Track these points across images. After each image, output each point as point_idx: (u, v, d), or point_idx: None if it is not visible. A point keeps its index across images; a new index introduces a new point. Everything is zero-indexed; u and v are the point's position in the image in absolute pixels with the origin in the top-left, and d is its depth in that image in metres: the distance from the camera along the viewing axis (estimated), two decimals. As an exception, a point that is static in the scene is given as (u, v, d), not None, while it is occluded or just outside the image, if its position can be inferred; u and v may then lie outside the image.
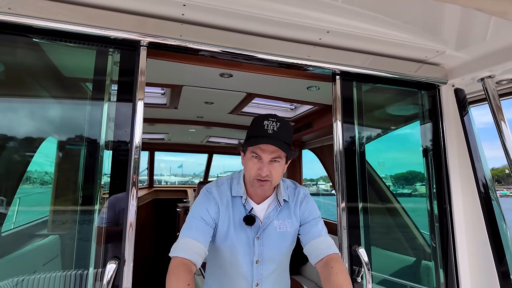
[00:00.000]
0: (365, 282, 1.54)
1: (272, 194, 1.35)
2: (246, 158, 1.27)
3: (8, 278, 1.97)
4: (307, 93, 2.68)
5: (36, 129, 2.01)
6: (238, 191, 1.31)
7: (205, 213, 1.26)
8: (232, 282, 1.31)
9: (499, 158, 1.67)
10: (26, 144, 2.07)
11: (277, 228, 1.31)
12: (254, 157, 1.23)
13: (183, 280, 1.08)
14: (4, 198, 2.18)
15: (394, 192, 2.16)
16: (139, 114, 1.46)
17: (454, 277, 1.82)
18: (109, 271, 1.26)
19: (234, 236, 1.27)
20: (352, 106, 1.81)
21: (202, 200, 1.31)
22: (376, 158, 1.98)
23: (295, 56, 1.65)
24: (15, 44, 1.47)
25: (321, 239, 1.30)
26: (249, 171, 1.25)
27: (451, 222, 1.87)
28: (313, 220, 1.35)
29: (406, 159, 2.17)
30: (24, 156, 2.12)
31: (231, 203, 1.30)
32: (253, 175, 1.23)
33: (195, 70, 2.24)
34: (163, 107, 3.33)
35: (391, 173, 2.21)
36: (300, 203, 1.37)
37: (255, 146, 1.22)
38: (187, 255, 1.16)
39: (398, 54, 1.83)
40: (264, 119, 1.24)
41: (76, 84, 1.88)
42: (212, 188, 1.33)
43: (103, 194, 1.45)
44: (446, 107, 1.98)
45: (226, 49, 1.55)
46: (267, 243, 1.30)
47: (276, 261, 1.32)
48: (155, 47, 1.50)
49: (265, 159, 1.21)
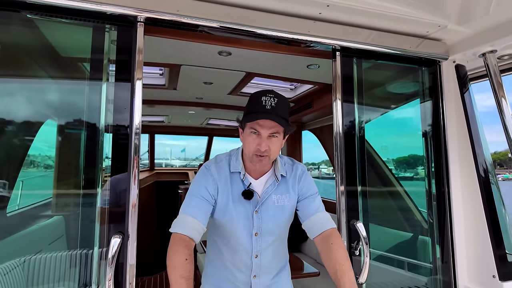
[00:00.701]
0: (363, 256, 1.58)
1: (270, 170, 1.38)
2: (245, 134, 1.29)
3: (15, 257, 2.02)
4: (307, 72, 2.65)
5: (35, 111, 2.00)
6: (237, 167, 1.34)
7: (204, 190, 1.30)
8: (232, 255, 1.36)
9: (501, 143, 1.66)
10: (25, 127, 2.07)
11: (275, 202, 1.35)
12: (253, 133, 1.25)
13: (181, 255, 1.15)
14: (6, 181, 2.21)
15: (393, 171, 2.18)
16: (138, 94, 1.45)
17: (450, 253, 1.86)
18: (113, 245, 1.29)
19: (233, 210, 1.31)
20: (352, 84, 1.80)
21: (201, 177, 1.34)
22: (376, 138, 1.98)
23: (295, 31, 1.62)
24: (10, 22, 1.45)
25: (319, 214, 1.35)
26: (248, 146, 1.27)
27: (449, 201, 1.89)
28: (311, 196, 1.39)
29: (405, 139, 2.18)
30: (24, 139, 2.13)
31: (230, 178, 1.34)
32: (252, 151, 1.26)
33: (193, 48, 2.21)
34: (162, 88, 3.31)
35: (390, 152, 2.22)
36: (298, 179, 1.40)
37: (254, 122, 1.23)
38: (185, 232, 1.21)
39: (399, 29, 1.79)
40: (262, 95, 1.25)
41: (73, 64, 1.86)
42: (211, 165, 1.36)
43: (105, 176, 1.46)
44: (446, 83, 1.97)
45: (225, 24, 1.52)
46: (266, 216, 1.34)
47: (274, 234, 1.36)
48: (152, 23, 1.48)
49: (263, 134, 1.24)
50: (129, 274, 1.37)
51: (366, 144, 1.85)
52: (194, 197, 1.29)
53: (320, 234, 1.30)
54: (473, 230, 1.85)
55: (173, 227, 1.24)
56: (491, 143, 2.01)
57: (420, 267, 1.96)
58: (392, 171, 2.20)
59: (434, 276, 1.91)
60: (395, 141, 2.17)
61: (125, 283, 1.38)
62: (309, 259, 3.62)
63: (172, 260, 1.14)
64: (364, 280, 1.57)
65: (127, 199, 1.41)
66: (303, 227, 1.37)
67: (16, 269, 2.03)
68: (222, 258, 1.38)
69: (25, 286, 2.07)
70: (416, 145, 2.07)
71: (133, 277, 1.38)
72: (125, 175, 1.43)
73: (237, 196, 1.32)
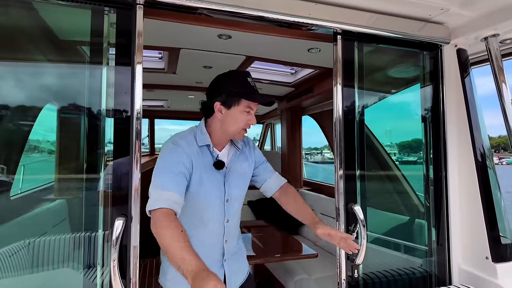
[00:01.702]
0: (360, 238, 1.62)
1: (228, 142, 1.51)
2: (235, 111, 1.38)
3: (19, 240, 2.07)
4: (308, 56, 2.63)
5: (35, 96, 2.00)
6: (204, 140, 1.42)
7: (179, 166, 1.31)
8: (205, 224, 1.42)
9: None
10: (26, 111, 2.07)
11: (239, 169, 1.50)
12: (246, 111, 1.38)
13: (172, 228, 1.11)
14: (8, 166, 2.23)
15: (392, 156, 2.20)
16: (138, 78, 1.45)
17: (445, 235, 1.91)
18: (117, 227, 1.31)
19: (207, 181, 1.39)
20: (353, 68, 1.79)
21: (172, 153, 1.34)
22: (376, 123, 1.99)
23: (296, 14, 1.60)
24: (7, 3, 1.43)
25: (274, 175, 1.63)
26: (239, 123, 1.39)
27: (446, 184, 1.92)
28: (265, 162, 1.63)
29: (405, 123, 2.19)
30: (24, 124, 2.13)
31: (200, 152, 1.41)
32: (242, 126, 1.40)
33: (193, 31, 2.18)
34: (162, 72, 3.28)
35: (390, 137, 2.24)
36: (253, 148, 1.60)
37: (251, 102, 1.37)
38: (168, 205, 1.19)
39: (401, 12, 1.77)
40: (246, 76, 1.41)
41: (73, 47, 1.84)
42: (179, 140, 1.38)
43: (107, 160, 1.48)
44: (447, 68, 1.96)
45: (225, 7, 1.50)
46: (233, 183, 1.47)
47: (240, 199, 1.51)
48: (151, 5, 1.46)
49: (253, 111, 1.41)
50: (133, 255, 1.41)
51: (365, 129, 1.86)
52: (169, 173, 1.28)
53: (278, 190, 1.60)
54: (468, 213, 1.89)
55: (153, 204, 1.19)
56: (495, 126, 2.03)
57: (416, 249, 2.01)
58: (390, 156, 2.22)
59: (430, 258, 1.96)
60: (394, 125, 2.18)
61: (129, 264, 1.41)
62: (307, 241, 3.70)
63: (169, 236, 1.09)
64: (361, 262, 1.62)
65: (129, 183, 1.43)
66: (262, 189, 1.61)
67: (22, 251, 2.08)
68: (197, 230, 1.41)
69: (30, 267, 2.13)
70: (415, 130, 2.09)
71: (137, 258, 1.42)
72: (127, 159, 1.44)
73: (209, 167, 1.41)
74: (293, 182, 4.35)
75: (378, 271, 1.86)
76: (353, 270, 1.69)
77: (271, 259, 2.47)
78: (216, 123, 1.44)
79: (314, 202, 3.82)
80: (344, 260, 1.67)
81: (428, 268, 1.95)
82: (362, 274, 1.75)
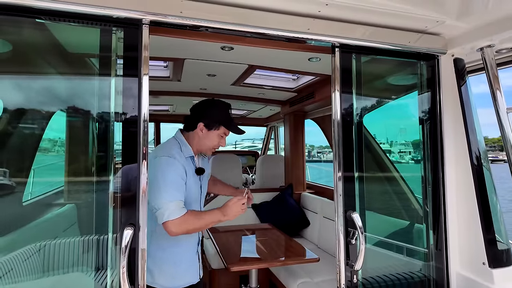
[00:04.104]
0: (359, 244, 1.68)
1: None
2: (213, 133, 1.80)
3: (31, 243, 2.16)
4: (308, 64, 2.69)
5: (47, 105, 2.09)
6: (189, 152, 1.80)
7: (181, 178, 1.69)
8: None
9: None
10: (37, 119, 2.17)
11: (206, 174, 1.94)
12: (221, 135, 1.82)
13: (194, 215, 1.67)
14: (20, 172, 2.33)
15: (391, 160, 2.26)
16: (145, 89, 1.52)
17: (443, 240, 1.95)
18: (125, 237, 1.39)
19: (193, 186, 1.80)
20: (350, 78, 1.85)
21: (173, 166, 1.67)
22: (374, 128, 2.05)
23: (295, 30, 1.67)
24: (22, 25, 1.51)
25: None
26: (213, 143, 1.82)
27: (443, 189, 1.97)
28: None
29: (403, 129, 2.24)
30: (36, 131, 2.23)
31: (186, 161, 1.77)
32: (215, 146, 1.83)
33: (197, 45, 2.26)
34: (167, 80, 3.37)
35: (388, 142, 2.29)
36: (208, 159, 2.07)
37: (227, 130, 1.83)
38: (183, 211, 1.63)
39: (398, 25, 1.83)
40: (228, 108, 1.87)
41: (83, 61, 1.94)
42: (175, 154, 1.71)
43: (116, 167, 1.55)
44: (444, 77, 2.00)
45: (226, 25, 1.58)
46: (203, 184, 1.93)
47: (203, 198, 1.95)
48: (156, 24, 1.54)
49: (226, 136, 1.85)
50: (141, 261, 1.49)
51: (365, 133, 1.91)
52: (178, 185, 1.66)
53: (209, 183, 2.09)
54: (465, 217, 1.94)
55: (175, 214, 1.59)
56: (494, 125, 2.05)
57: (414, 253, 2.06)
58: (390, 160, 2.27)
59: (428, 262, 2.01)
60: (392, 131, 2.24)
61: (137, 269, 1.49)
62: (310, 244, 3.75)
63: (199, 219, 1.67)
64: (359, 267, 1.67)
65: (137, 189, 1.48)
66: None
67: (34, 256, 2.17)
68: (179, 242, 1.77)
69: (41, 271, 2.22)
70: (413, 136, 2.14)
71: (145, 262, 1.49)
72: (135, 165, 1.50)
73: (193, 174, 1.80)
74: (296, 185, 4.40)
75: (378, 275, 1.91)
76: (352, 275, 1.74)
77: (275, 263, 2.53)
78: (195, 138, 1.82)
79: (317, 206, 3.88)
80: (343, 266, 1.73)
81: (427, 273, 2.00)
82: (362, 279, 1.80)
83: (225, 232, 3.29)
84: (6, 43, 1.66)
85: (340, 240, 1.73)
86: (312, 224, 3.94)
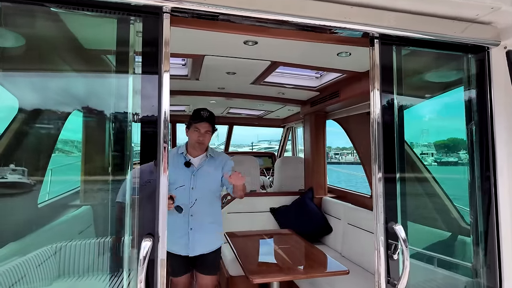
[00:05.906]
0: (403, 259, 1.49)
1: (204, 153, 2.51)
2: (191, 130, 2.44)
3: (47, 245, 2.08)
4: (336, 60, 2.51)
5: (63, 103, 2.01)
6: (182, 150, 2.50)
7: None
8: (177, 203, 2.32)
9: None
10: (53, 118, 2.09)
11: (205, 170, 2.47)
12: (195, 131, 2.41)
13: None
14: (36, 171, 2.26)
15: (433, 165, 2.04)
16: (165, 86, 1.39)
17: (496, 257, 1.72)
18: (144, 247, 1.26)
19: (181, 173, 2.42)
20: (391, 73, 1.66)
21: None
22: (416, 129, 1.84)
23: (329, 18, 1.50)
24: (35, 15, 1.41)
25: None
26: (193, 137, 2.44)
27: (496, 201, 1.74)
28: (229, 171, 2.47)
29: (447, 131, 2.02)
30: (52, 130, 2.16)
31: (179, 157, 2.46)
32: (196, 140, 2.42)
33: (219, 38, 2.12)
34: (185, 79, 3.25)
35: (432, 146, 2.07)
36: (224, 163, 2.54)
37: (196, 124, 2.41)
38: None
39: (445, 13, 1.63)
40: (201, 111, 2.42)
41: (99, 57, 1.83)
42: (172, 150, 2.26)
43: (134, 165, 1.43)
44: (496, 72, 1.78)
45: (252, 13, 1.42)
46: (199, 177, 2.44)
47: (204, 189, 2.45)
48: (177, 13, 1.40)
49: (201, 131, 2.41)
50: (160, 270, 1.35)
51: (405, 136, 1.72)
52: None
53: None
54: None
55: None
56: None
57: (460, 269, 1.84)
58: (431, 165, 2.06)
59: (476, 279, 1.79)
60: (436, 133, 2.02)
61: (156, 280, 1.36)
62: (333, 252, 3.55)
63: None
64: (404, 286, 1.47)
65: (156, 195, 1.36)
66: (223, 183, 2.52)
67: (50, 259, 2.10)
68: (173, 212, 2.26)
69: (57, 276, 2.14)
70: (459, 138, 1.92)
71: (164, 272, 1.36)
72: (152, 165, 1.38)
73: (182, 165, 2.43)
74: (316, 189, 4.21)
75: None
76: (394, 295, 1.55)
77: (299, 276, 2.36)
78: (188, 139, 2.52)
79: (340, 212, 3.67)
80: (384, 283, 1.53)
81: (475, 291, 1.78)
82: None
83: (243, 237, 3.15)
84: (19, 37, 1.57)
85: (381, 255, 1.54)
86: (334, 230, 3.74)
